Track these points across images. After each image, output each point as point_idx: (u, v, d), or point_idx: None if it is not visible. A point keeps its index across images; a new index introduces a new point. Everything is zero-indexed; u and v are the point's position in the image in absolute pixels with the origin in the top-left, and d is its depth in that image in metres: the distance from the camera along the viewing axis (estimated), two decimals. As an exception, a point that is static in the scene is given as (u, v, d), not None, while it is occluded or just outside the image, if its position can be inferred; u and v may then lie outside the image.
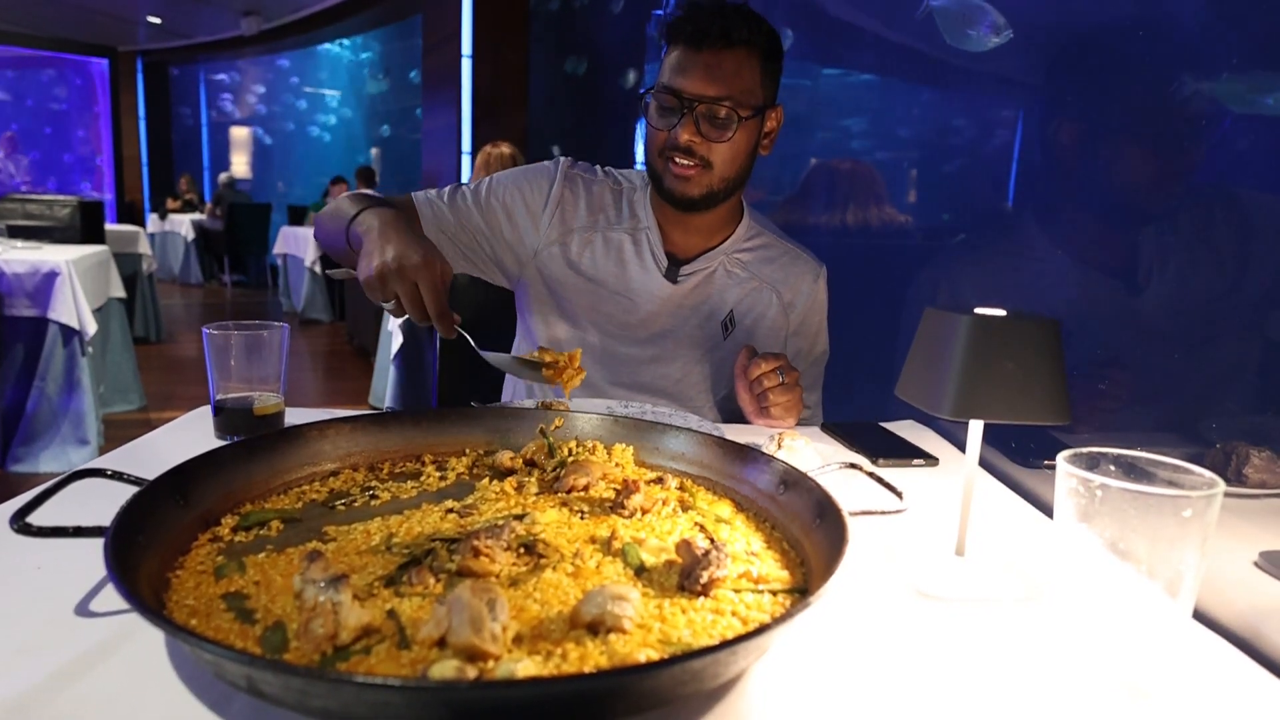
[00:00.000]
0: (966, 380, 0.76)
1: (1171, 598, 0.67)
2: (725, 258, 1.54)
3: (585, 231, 1.53)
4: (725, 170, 1.40)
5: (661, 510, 0.88)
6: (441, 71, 6.41)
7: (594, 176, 1.58)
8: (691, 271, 1.52)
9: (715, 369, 1.56)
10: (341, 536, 0.79)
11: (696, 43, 1.33)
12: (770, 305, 1.56)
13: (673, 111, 1.36)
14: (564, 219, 1.53)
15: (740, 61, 1.35)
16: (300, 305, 8.46)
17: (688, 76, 1.34)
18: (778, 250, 1.59)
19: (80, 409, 4.05)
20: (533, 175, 1.55)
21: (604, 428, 1.07)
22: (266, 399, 1.22)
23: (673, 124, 1.37)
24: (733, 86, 1.34)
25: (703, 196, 1.41)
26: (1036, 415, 0.77)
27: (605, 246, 1.53)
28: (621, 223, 1.54)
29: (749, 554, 0.79)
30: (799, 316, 1.59)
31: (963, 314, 0.78)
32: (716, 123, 1.35)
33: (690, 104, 1.34)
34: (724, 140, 1.37)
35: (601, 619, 0.63)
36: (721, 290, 1.54)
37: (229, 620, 0.63)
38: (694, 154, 1.37)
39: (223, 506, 0.82)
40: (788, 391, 1.34)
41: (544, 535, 0.80)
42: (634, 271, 1.52)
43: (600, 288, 1.52)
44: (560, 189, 1.53)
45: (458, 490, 0.94)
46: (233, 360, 1.20)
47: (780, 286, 1.57)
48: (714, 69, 1.33)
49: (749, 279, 1.55)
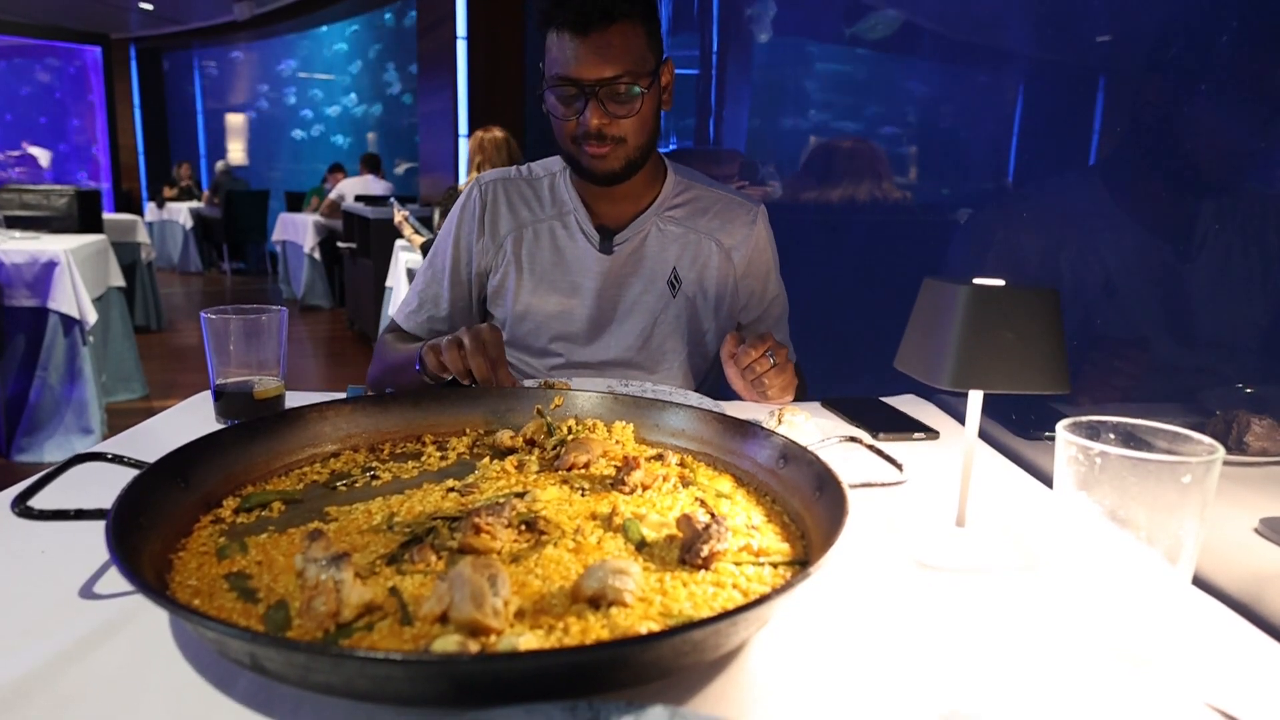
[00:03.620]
0: (965, 351, 0.76)
1: (1171, 564, 0.67)
2: (656, 218, 1.55)
3: (515, 232, 1.55)
4: (637, 140, 1.41)
5: (662, 486, 0.88)
6: (436, 54, 6.37)
7: (509, 179, 1.60)
8: (625, 239, 1.54)
9: (673, 328, 1.57)
10: (343, 516, 0.80)
11: (581, 28, 1.32)
12: (711, 255, 1.57)
13: (574, 99, 1.37)
14: (494, 231, 1.56)
15: (626, 34, 1.34)
16: (300, 292, 8.45)
17: (580, 63, 1.33)
18: (709, 199, 1.59)
19: (83, 398, 4.05)
20: (460, 221, 1.58)
21: (604, 406, 1.07)
22: (267, 383, 1.22)
23: (578, 111, 1.37)
24: (626, 60, 1.34)
25: (624, 168, 1.43)
26: (1036, 385, 0.76)
27: (536, 239, 1.55)
28: (547, 212, 1.56)
29: (749, 527, 0.79)
30: (744, 259, 1.59)
31: (961, 284, 0.77)
32: (620, 99, 1.36)
33: (590, 89, 1.34)
34: (631, 116, 1.37)
35: (603, 593, 0.63)
36: (659, 250, 1.55)
37: (232, 600, 0.63)
38: (605, 136, 1.38)
39: (224, 488, 0.82)
40: (781, 372, 1.34)
41: (545, 512, 0.80)
42: (570, 255, 1.54)
43: (543, 279, 1.55)
44: (481, 206, 1.56)
45: (459, 469, 0.95)
46: (232, 345, 1.19)
47: (718, 234, 1.58)
48: (604, 49, 1.32)
49: (685, 233, 1.56)
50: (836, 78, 3.44)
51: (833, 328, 1.67)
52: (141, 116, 12.92)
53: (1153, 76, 1.42)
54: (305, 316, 8.28)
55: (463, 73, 6.03)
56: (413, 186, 8.50)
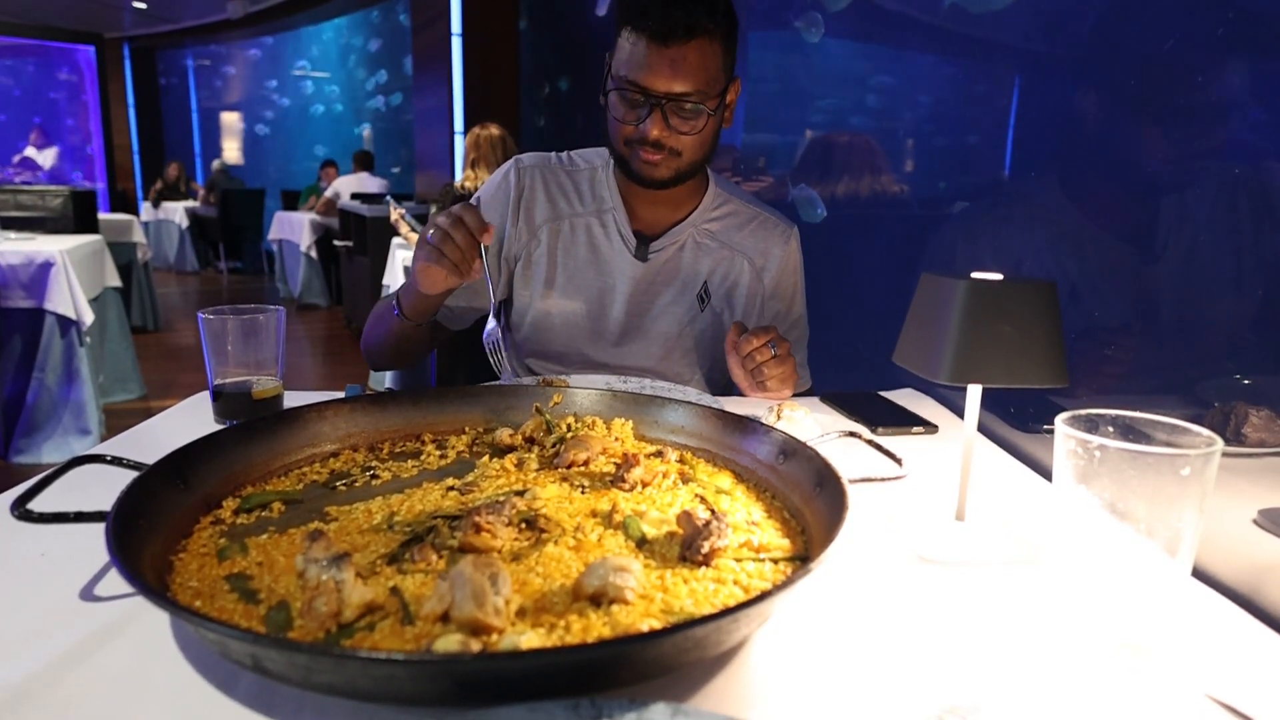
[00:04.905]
0: (963, 345, 0.76)
1: (1170, 556, 0.68)
2: (694, 229, 1.53)
3: (551, 223, 1.52)
4: (694, 156, 1.40)
5: (662, 483, 0.88)
6: (431, 50, 6.36)
7: (549, 166, 1.56)
8: (661, 247, 1.51)
9: (696, 341, 1.55)
10: (343, 516, 0.80)
11: (661, 38, 1.28)
12: (743, 272, 1.56)
13: (638, 105, 1.34)
14: (529, 219, 1.53)
15: (704, 52, 1.31)
16: (297, 290, 8.44)
17: (653, 73, 1.30)
18: (746, 216, 1.57)
19: (80, 399, 4.05)
20: (493, 196, 1.55)
21: (603, 403, 1.07)
22: (265, 383, 1.22)
23: (639, 118, 1.34)
24: (699, 80, 1.31)
25: (672, 179, 1.40)
26: (1034, 378, 0.77)
27: (573, 234, 1.52)
28: (586, 207, 1.53)
29: (750, 523, 0.79)
30: (773, 280, 1.58)
31: (959, 278, 0.77)
32: (685, 116, 1.33)
33: (657, 100, 1.31)
34: (694, 134, 1.35)
35: (604, 590, 0.63)
36: (693, 262, 1.53)
37: (233, 601, 0.63)
38: (663, 147, 1.35)
39: (224, 489, 0.82)
40: (782, 363, 1.34)
41: (545, 510, 0.80)
42: (605, 255, 1.52)
43: (575, 275, 1.52)
44: (518, 191, 1.53)
45: (458, 468, 0.95)
46: (230, 345, 1.19)
47: (751, 253, 1.56)
48: (679, 64, 1.29)
49: (719, 248, 1.54)
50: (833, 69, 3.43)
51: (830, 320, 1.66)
52: (136, 116, 12.88)
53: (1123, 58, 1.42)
54: (302, 315, 8.27)
55: (458, 70, 6.02)
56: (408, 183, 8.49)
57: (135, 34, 12.39)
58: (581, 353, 1.53)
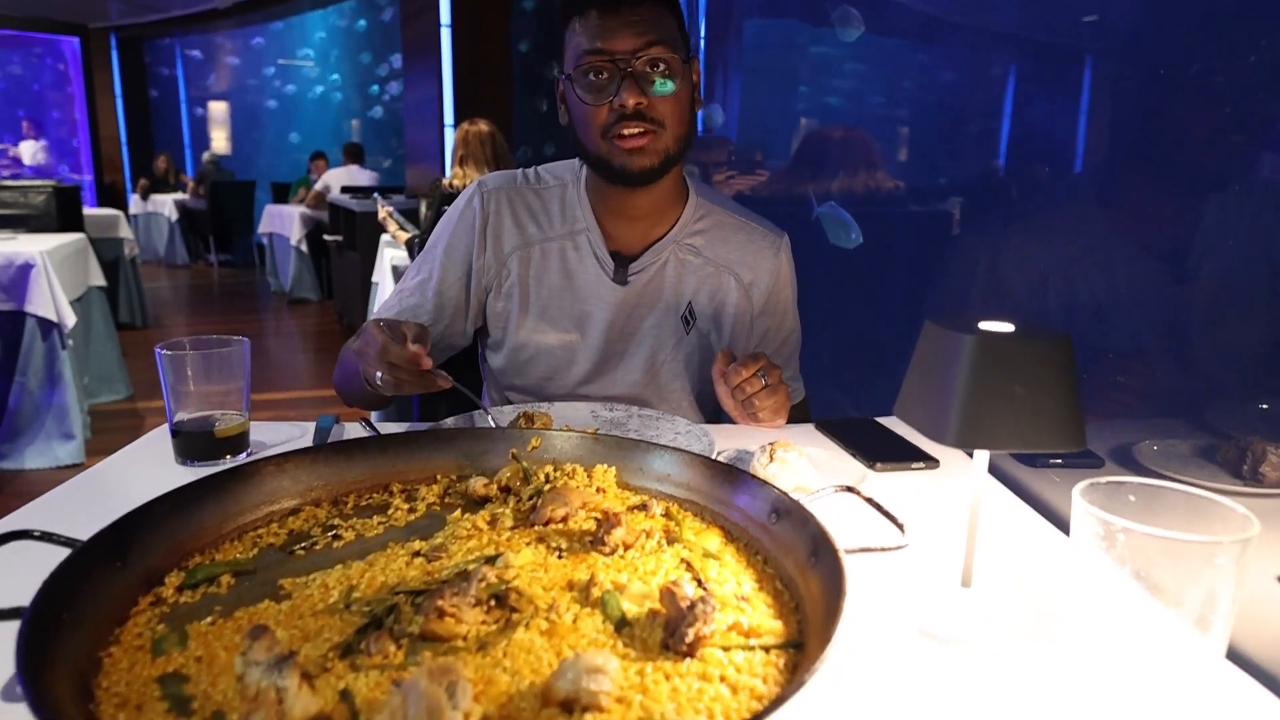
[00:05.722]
0: (971, 406, 0.70)
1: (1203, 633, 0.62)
2: (675, 246, 1.43)
3: (521, 250, 1.43)
4: (678, 128, 1.30)
5: (645, 543, 0.82)
6: (420, 41, 6.25)
7: (515, 187, 1.46)
8: (640, 269, 1.42)
9: (683, 366, 1.47)
10: (298, 592, 0.73)
11: (612, 4, 1.24)
12: (730, 290, 1.46)
13: (607, 81, 1.26)
14: (497, 247, 1.43)
15: (658, 11, 1.27)
16: (288, 285, 8.35)
17: (614, 35, 1.24)
18: (731, 228, 1.48)
19: (63, 403, 3.97)
20: (457, 225, 1.45)
21: (583, 447, 1.00)
22: (229, 419, 1.15)
23: (612, 93, 1.26)
24: (661, 32, 1.25)
25: (660, 164, 1.31)
26: (1048, 442, 0.70)
27: (544, 260, 1.43)
28: (557, 229, 1.44)
29: (739, 599, 0.73)
30: (763, 295, 1.48)
31: (965, 332, 0.71)
32: (660, 74, 1.26)
33: (626, 63, 1.24)
34: (672, 93, 1.27)
35: (576, 696, 0.57)
36: (675, 283, 1.44)
37: (162, 711, 0.57)
38: (644, 117, 1.26)
39: (168, 561, 0.75)
40: (773, 393, 1.27)
41: (517, 582, 0.74)
42: (580, 280, 1.43)
43: (549, 304, 1.43)
44: (483, 218, 1.43)
45: (427, 524, 0.88)
46: (191, 381, 1.13)
47: (738, 268, 1.46)
48: (638, 23, 1.24)
49: (704, 265, 1.45)
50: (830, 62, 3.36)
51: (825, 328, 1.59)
52: (124, 107, 12.71)
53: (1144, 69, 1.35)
54: (293, 310, 8.19)
55: (447, 61, 5.92)
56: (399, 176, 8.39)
57: (122, 24, 12.21)
58: (561, 383, 1.46)
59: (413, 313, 1.44)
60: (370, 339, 1.13)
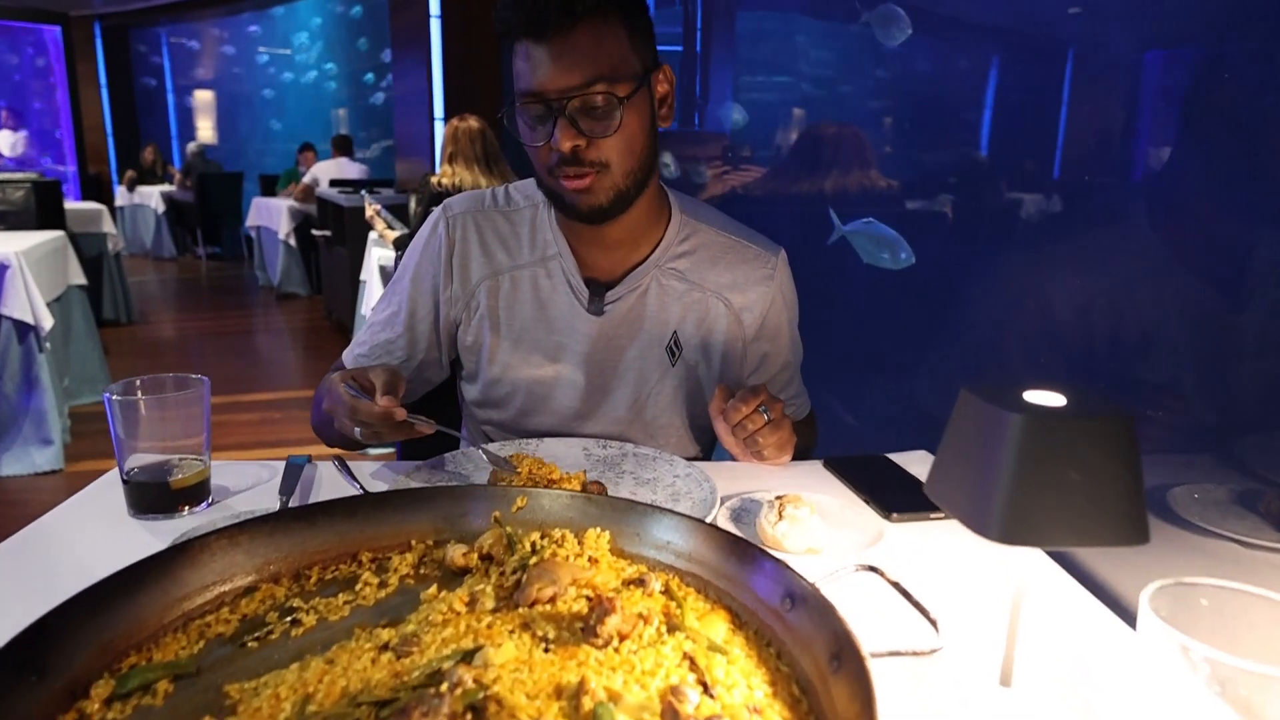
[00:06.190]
0: (1018, 496, 0.60)
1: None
2: (657, 270, 1.31)
3: (489, 280, 1.32)
4: (626, 164, 1.17)
5: (643, 634, 0.73)
6: (409, 33, 6.12)
7: (482, 210, 1.34)
8: (618, 297, 1.30)
9: (670, 401, 1.35)
10: (245, 702, 0.64)
11: (538, 31, 1.09)
12: (719, 317, 1.34)
13: (542, 119, 1.14)
14: (464, 277, 1.32)
15: (598, 33, 1.11)
16: (276, 279, 8.22)
17: (543, 73, 1.10)
18: (719, 247, 1.34)
19: (41, 407, 3.87)
20: (423, 254, 1.34)
21: (574, 508, 0.91)
22: (187, 466, 1.06)
23: (547, 134, 1.13)
24: (599, 65, 1.10)
25: (612, 202, 1.19)
26: (1107, 537, 0.61)
27: (514, 290, 1.32)
28: (527, 255, 1.32)
29: (751, 710, 0.64)
30: (756, 320, 1.36)
31: (1011, 409, 0.61)
32: (595, 115, 1.12)
33: (558, 104, 1.11)
34: (610, 133, 1.13)
35: None
36: (658, 311, 1.32)
37: None
38: (583, 160, 1.14)
39: (97, 665, 0.66)
40: (776, 429, 1.18)
41: (497, 687, 0.65)
42: (553, 311, 1.32)
43: (522, 338, 1.32)
44: (448, 246, 1.32)
45: (399, 603, 0.79)
46: (142, 427, 1.03)
47: (728, 291, 1.34)
48: (567, 54, 1.10)
49: (688, 290, 1.32)
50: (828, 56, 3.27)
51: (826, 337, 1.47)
52: (109, 97, 12.50)
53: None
54: (282, 305, 8.06)
55: (437, 52, 5.79)
56: (389, 168, 8.25)
57: (106, 12, 11.99)
58: (540, 420, 1.35)
59: (385, 349, 1.35)
60: (338, 400, 1.05)
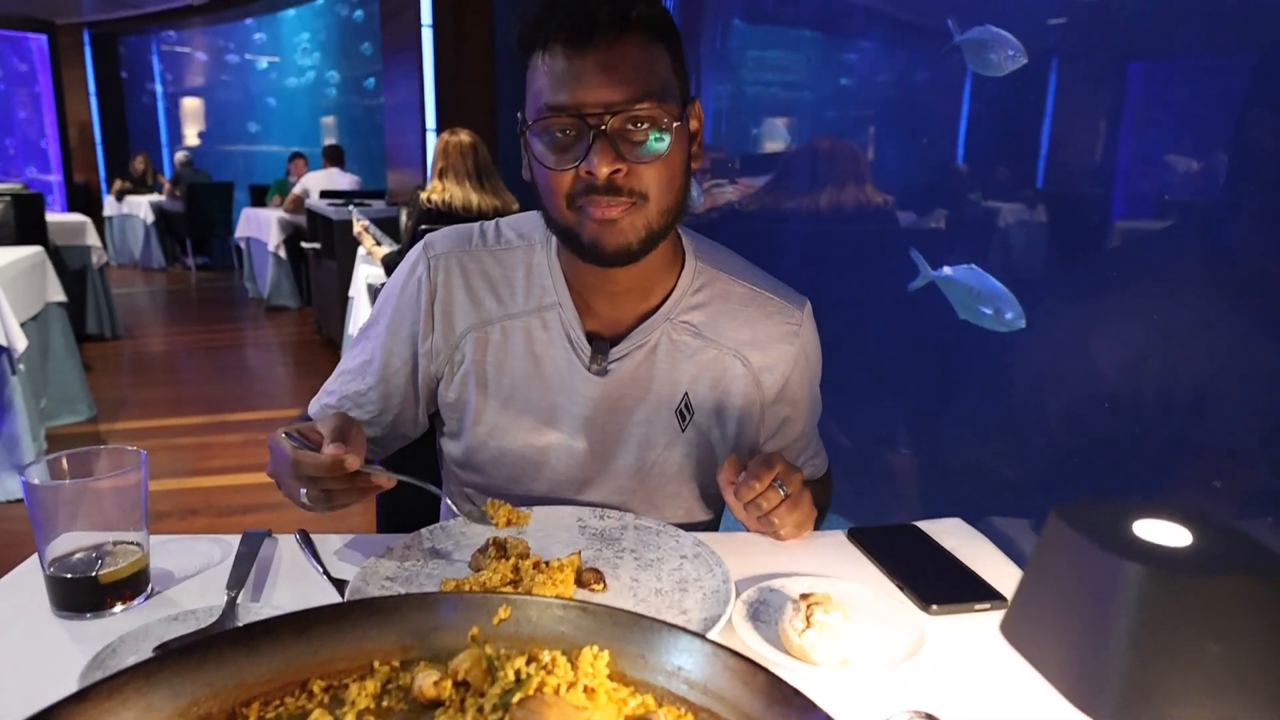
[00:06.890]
0: (1139, 670, 0.47)
1: None
2: (668, 324, 1.15)
3: (477, 330, 1.16)
4: (664, 200, 1.01)
5: (650, 803, 0.59)
6: (400, 42, 5.99)
7: (468, 250, 1.17)
8: (624, 354, 1.14)
9: (679, 468, 1.19)
10: None
11: (583, 38, 0.94)
12: (736, 378, 1.18)
13: (573, 140, 0.98)
14: (447, 326, 1.16)
15: (646, 48, 0.97)
16: (266, 291, 8.07)
17: (583, 85, 0.95)
18: (739, 299, 1.19)
19: (14, 432, 3.72)
20: (399, 297, 1.18)
21: (566, 621, 0.77)
22: (123, 555, 0.92)
23: (579, 156, 0.97)
24: (649, 80, 0.96)
25: (643, 243, 1.02)
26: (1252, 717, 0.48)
27: (505, 342, 1.15)
28: (521, 303, 1.16)
29: None
30: (777, 381, 1.20)
31: (1126, 556, 0.48)
32: (641, 135, 0.97)
33: (598, 121, 0.96)
34: (658, 159, 0.98)
35: None
36: (669, 370, 1.16)
37: None
38: (620, 189, 0.98)
39: None
40: (795, 507, 1.04)
41: None
42: (549, 367, 1.15)
43: (513, 397, 1.16)
44: (430, 291, 1.16)
45: (355, 752, 0.65)
46: (63, 512, 0.89)
47: (747, 349, 1.18)
48: (617, 66, 0.95)
49: (703, 347, 1.16)
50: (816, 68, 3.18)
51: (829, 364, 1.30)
52: (98, 105, 12.33)
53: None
54: (271, 318, 7.91)
55: (429, 63, 5.66)
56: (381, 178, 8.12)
57: (95, 19, 11.84)
58: (530, 488, 1.19)
59: (355, 401, 1.19)
60: (280, 454, 0.90)
